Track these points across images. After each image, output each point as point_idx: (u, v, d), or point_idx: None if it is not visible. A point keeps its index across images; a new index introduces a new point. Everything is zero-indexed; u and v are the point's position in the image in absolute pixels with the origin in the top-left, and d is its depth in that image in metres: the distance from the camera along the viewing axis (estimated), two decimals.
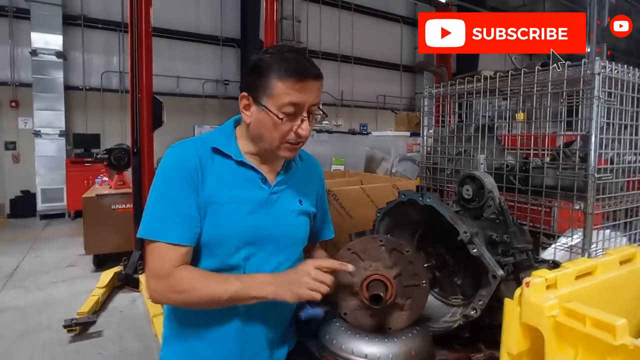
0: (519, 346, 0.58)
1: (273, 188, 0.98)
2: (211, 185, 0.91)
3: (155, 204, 0.90)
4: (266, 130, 0.91)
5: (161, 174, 0.92)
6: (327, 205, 1.20)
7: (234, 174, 0.94)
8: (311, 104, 0.91)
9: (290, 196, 1.01)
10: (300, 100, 0.88)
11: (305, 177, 1.07)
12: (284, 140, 0.91)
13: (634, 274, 0.68)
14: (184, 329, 0.98)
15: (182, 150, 0.93)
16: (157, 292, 0.89)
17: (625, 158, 1.19)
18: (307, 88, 0.89)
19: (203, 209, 0.90)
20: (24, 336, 3.02)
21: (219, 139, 0.96)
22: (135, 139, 3.77)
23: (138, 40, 3.64)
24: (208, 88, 9.26)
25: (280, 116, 0.88)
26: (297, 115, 0.90)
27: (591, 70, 1.07)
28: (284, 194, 1.00)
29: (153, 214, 0.90)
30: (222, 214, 0.91)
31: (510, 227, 0.93)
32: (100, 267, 4.42)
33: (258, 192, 0.96)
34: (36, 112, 7.13)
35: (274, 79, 0.87)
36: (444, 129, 1.60)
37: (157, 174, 0.92)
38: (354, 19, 10.91)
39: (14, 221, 7.09)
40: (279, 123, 0.88)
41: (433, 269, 1.03)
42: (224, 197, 0.91)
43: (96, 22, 7.94)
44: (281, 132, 0.90)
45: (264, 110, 0.89)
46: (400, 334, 0.85)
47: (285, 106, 0.88)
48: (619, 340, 0.47)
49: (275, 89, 0.87)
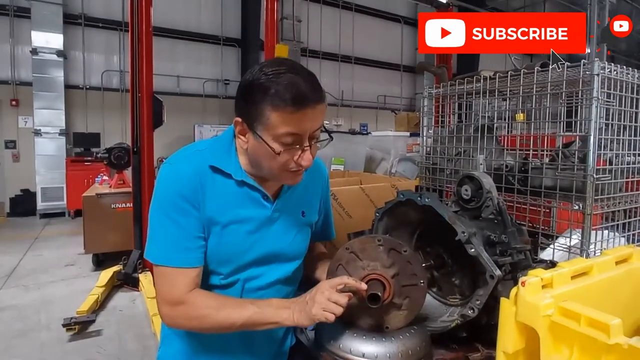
0: (515, 345, 0.58)
1: (275, 205, 0.94)
2: (212, 205, 0.87)
3: (161, 228, 0.87)
4: (264, 160, 0.84)
5: (162, 195, 0.87)
6: (331, 208, 1.18)
7: (234, 193, 0.90)
8: (312, 130, 0.82)
9: (293, 210, 0.98)
10: (299, 131, 0.79)
11: (310, 185, 1.02)
12: (284, 170, 0.85)
13: (630, 274, 0.68)
14: (179, 330, 0.98)
15: (180, 171, 0.87)
16: (170, 318, 0.88)
17: (624, 159, 1.20)
18: (307, 117, 0.79)
19: (207, 229, 0.88)
20: (22, 335, 3.02)
21: (218, 155, 0.90)
22: (135, 138, 3.77)
23: (139, 40, 3.65)
24: (208, 88, 9.27)
25: (277, 150, 0.80)
26: (297, 144, 0.81)
27: (590, 71, 1.07)
28: (286, 209, 0.97)
29: (161, 239, 0.87)
30: (225, 234, 0.89)
31: (508, 228, 0.93)
32: (99, 266, 4.42)
33: (260, 210, 0.93)
34: (36, 111, 7.14)
35: (269, 108, 0.77)
36: (443, 129, 1.60)
37: (157, 194, 0.88)
38: (355, 19, 10.91)
39: (14, 220, 7.10)
40: (277, 158, 0.81)
41: (431, 269, 1.04)
42: (226, 218, 0.89)
43: (97, 21, 7.95)
44: (280, 163, 0.83)
45: (259, 139, 0.81)
46: (398, 333, 0.85)
47: (283, 137, 0.79)
48: (613, 339, 0.47)
49: (271, 119, 0.78)
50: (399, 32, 11.88)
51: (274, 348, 1.03)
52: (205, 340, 0.96)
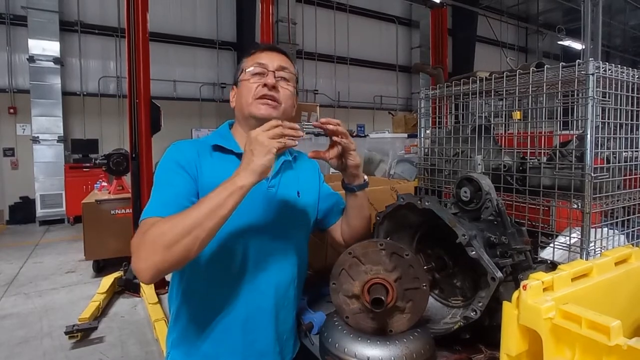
0: (518, 348, 0.59)
1: (271, 181, 1.01)
2: (208, 175, 0.94)
3: (156, 192, 0.90)
4: (242, 97, 1.01)
5: (161, 165, 0.95)
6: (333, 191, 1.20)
7: (232, 166, 0.92)
8: (276, 67, 1.01)
9: (288, 189, 1.04)
10: (263, 61, 1.01)
11: (300, 172, 1.11)
12: (256, 97, 0.99)
13: (629, 274, 0.69)
14: (189, 331, 0.99)
15: (180, 145, 0.99)
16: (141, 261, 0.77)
17: (622, 156, 1.20)
18: (265, 56, 1.03)
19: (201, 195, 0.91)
20: (25, 343, 3.02)
21: (219, 139, 1.02)
22: (133, 144, 3.78)
23: (135, 46, 3.66)
24: (205, 91, 9.28)
25: (247, 77, 1.01)
26: (264, 74, 1.00)
27: (585, 70, 1.08)
28: (281, 186, 1.03)
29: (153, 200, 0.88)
30: None
31: (508, 229, 0.94)
32: (100, 272, 4.42)
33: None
34: (34, 118, 7.15)
35: (243, 62, 1.05)
36: (440, 130, 1.61)
37: (158, 168, 0.95)
38: (349, 20, 10.94)
39: (14, 227, 7.09)
40: (248, 84, 1.00)
41: (432, 271, 1.04)
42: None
43: (93, 28, 7.97)
44: (251, 90, 1.00)
45: (240, 83, 1.03)
46: (401, 336, 0.86)
47: (251, 67, 1.01)
48: (613, 341, 0.48)
49: (243, 65, 1.04)
50: (394, 32, 11.92)
51: (279, 350, 1.03)
52: (210, 342, 0.96)
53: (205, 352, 0.97)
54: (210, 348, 0.97)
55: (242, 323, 0.96)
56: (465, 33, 11.15)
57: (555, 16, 13.21)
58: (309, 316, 1.09)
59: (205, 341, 0.97)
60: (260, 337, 0.99)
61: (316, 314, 1.09)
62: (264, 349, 1.00)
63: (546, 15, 13.14)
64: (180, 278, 1.00)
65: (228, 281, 0.96)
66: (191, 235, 0.76)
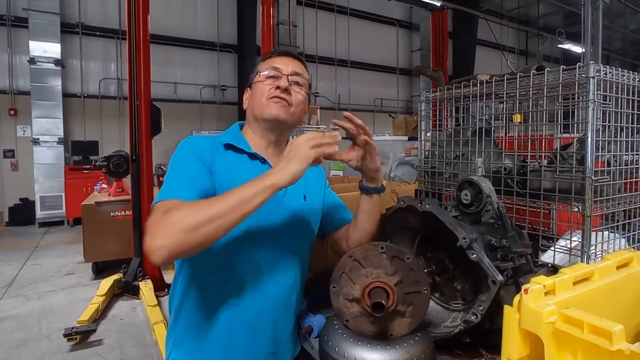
0: (519, 352, 0.59)
1: None
2: (222, 173, 0.95)
3: (172, 177, 0.90)
4: (255, 98, 1.03)
5: (177, 155, 0.95)
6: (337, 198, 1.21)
7: (245, 165, 0.99)
8: (290, 72, 1.03)
9: (295, 192, 1.04)
10: (278, 65, 1.03)
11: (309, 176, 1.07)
12: (268, 97, 1.00)
13: (631, 278, 0.69)
14: (191, 332, 0.99)
15: (195, 139, 1.00)
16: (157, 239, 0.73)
17: (622, 159, 1.20)
18: (279, 60, 1.05)
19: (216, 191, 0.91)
20: (23, 345, 3.01)
21: (230, 138, 1.03)
22: (134, 146, 3.78)
23: (136, 48, 3.66)
24: (205, 94, 9.29)
25: (261, 79, 1.03)
26: (278, 77, 1.02)
27: (586, 74, 1.08)
28: (289, 190, 1.00)
29: (170, 183, 0.88)
30: None
31: (508, 232, 0.93)
32: (99, 274, 4.41)
33: None
34: (34, 119, 7.15)
35: (259, 65, 1.08)
36: (441, 132, 1.61)
37: (173, 159, 0.95)
38: (350, 23, 10.97)
39: (13, 229, 7.09)
40: (261, 85, 1.02)
41: (433, 274, 1.04)
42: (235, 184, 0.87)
43: (94, 30, 7.98)
44: (264, 91, 1.01)
45: (254, 85, 1.05)
46: (402, 340, 0.85)
47: (265, 70, 1.03)
48: (615, 345, 0.47)
49: (259, 67, 1.06)
50: (394, 35, 11.94)
51: (280, 351, 1.03)
52: (212, 341, 0.96)
53: (209, 353, 0.97)
54: (213, 348, 0.97)
55: (246, 325, 0.96)
56: (465, 36, 11.16)
57: (555, 20, 13.25)
58: (308, 319, 1.09)
59: (209, 341, 0.97)
60: (260, 338, 0.99)
61: (316, 317, 1.09)
62: (258, 350, 1.00)
63: (546, 18, 13.17)
64: (184, 277, 1.00)
65: (233, 283, 0.96)
66: (214, 223, 0.76)
